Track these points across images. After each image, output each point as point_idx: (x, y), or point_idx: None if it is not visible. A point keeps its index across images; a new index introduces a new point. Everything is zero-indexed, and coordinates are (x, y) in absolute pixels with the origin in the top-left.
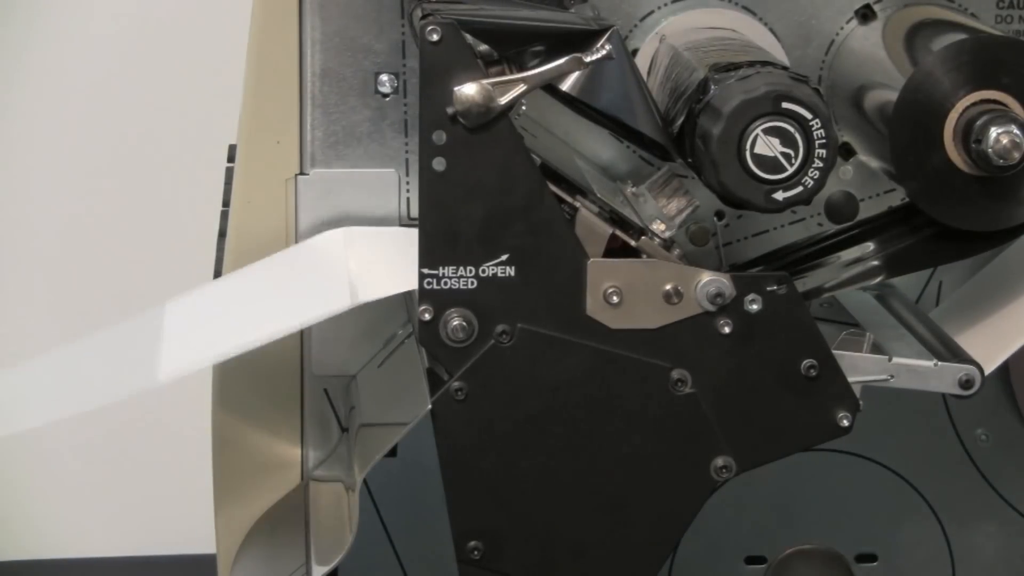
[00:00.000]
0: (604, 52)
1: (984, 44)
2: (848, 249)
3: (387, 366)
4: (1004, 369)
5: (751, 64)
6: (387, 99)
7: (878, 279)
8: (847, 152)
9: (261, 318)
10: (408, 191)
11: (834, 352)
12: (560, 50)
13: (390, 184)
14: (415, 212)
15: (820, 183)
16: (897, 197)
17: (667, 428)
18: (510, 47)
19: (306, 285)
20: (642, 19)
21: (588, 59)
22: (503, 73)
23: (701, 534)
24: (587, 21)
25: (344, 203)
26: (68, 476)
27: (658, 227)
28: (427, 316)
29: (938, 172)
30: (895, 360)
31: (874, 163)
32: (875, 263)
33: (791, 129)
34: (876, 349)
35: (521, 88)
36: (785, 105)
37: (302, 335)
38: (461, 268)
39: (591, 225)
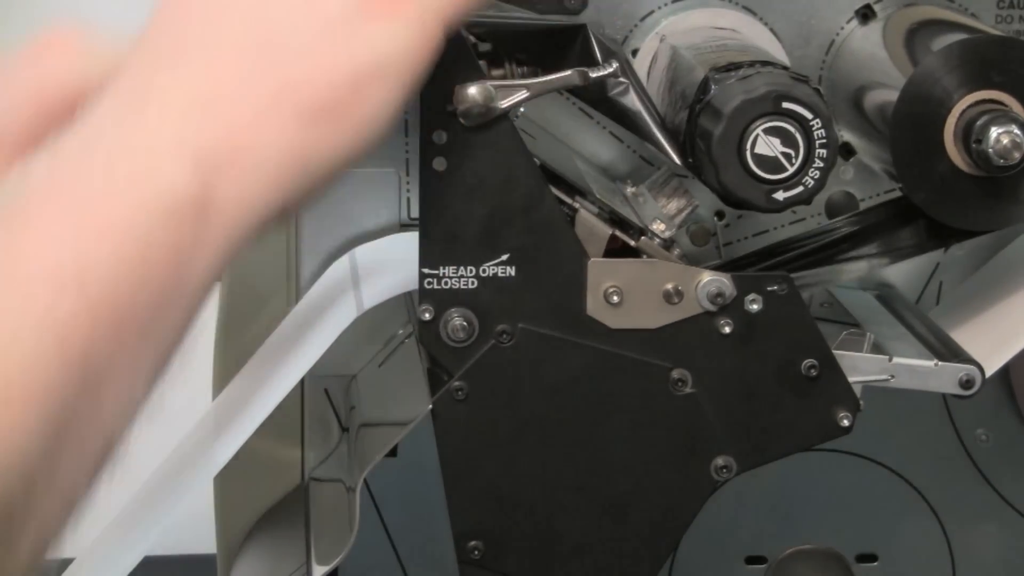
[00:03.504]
0: (610, 70)
1: (984, 44)
2: (840, 246)
3: (387, 366)
4: (1004, 369)
5: (751, 64)
6: None
7: (875, 262)
8: (847, 152)
9: (286, 374)
10: (408, 191)
11: (834, 352)
12: (551, 52)
13: (390, 184)
14: (415, 212)
15: (820, 183)
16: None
17: (667, 428)
18: (510, 47)
19: (317, 324)
20: (642, 19)
21: (594, 75)
22: (506, 74)
23: (701, 534)
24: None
25: (344, 202)
26: None
27: (658, 227)
28: (427, 316)
29: (938, 172)
30: (895, 360)
31: (874, 163)
32: (868, 252)
33: (791, 129)
34: (876, 349)
35: (524, 94)
36: (785, 105)
37: None
38: (461, 268)
39: (591, 226)
